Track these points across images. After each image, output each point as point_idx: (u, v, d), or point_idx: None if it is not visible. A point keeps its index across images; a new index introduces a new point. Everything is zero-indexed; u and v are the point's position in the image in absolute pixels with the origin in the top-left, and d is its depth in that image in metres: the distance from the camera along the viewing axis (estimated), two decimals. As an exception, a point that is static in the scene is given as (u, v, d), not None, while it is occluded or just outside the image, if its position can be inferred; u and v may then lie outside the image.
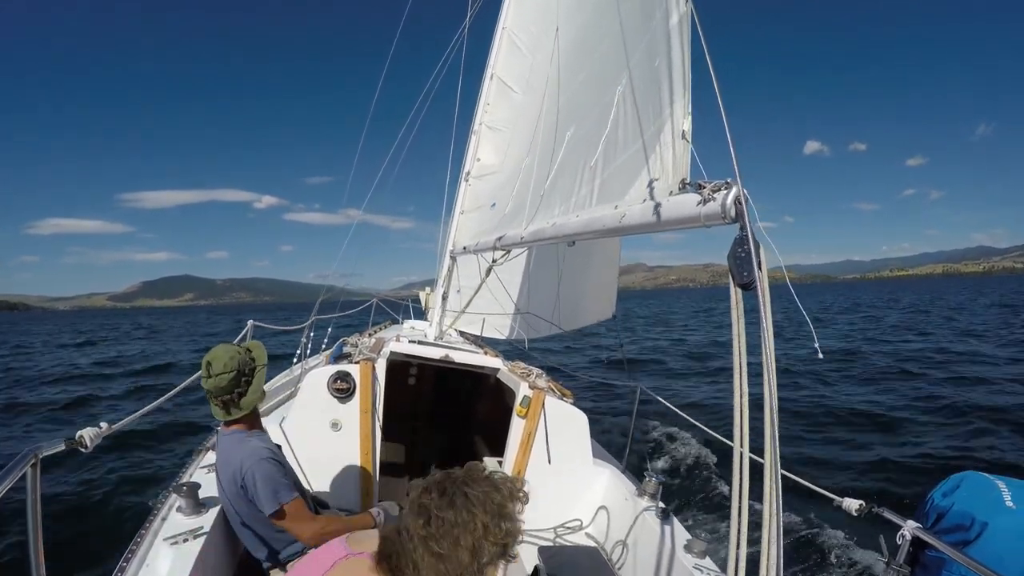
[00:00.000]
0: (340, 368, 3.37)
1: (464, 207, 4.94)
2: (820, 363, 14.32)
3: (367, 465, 3.37)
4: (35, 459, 1.56)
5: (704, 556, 2.63)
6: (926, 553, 1.77)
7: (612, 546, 3.14)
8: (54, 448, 1.76)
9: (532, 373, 3.68)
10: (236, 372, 2.21)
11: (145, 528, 2.33)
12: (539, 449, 3.39)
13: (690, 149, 1.75)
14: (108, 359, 22.02)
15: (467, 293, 5.14)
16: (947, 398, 10.77)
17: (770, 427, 1.28)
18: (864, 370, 14.37)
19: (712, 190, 1.48)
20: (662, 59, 1.94)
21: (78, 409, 11.67)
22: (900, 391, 11.76)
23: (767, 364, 1.29)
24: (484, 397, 5.13)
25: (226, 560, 2.55)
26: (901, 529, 1.82)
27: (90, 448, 1.99)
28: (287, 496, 2.22)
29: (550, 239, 2.80)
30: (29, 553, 1.54)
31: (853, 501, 2.18)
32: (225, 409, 2.26)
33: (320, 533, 2.26)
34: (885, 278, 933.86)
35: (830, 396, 11.38)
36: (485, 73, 5.05)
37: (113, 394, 13.35)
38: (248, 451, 2.22)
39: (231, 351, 2.24)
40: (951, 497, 1.77)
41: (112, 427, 2.20)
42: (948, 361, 15.50)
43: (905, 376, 13.44)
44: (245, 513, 2.28)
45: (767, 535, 1.25)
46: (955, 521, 1.72)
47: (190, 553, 2.17)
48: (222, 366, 2.19)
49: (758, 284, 1.33)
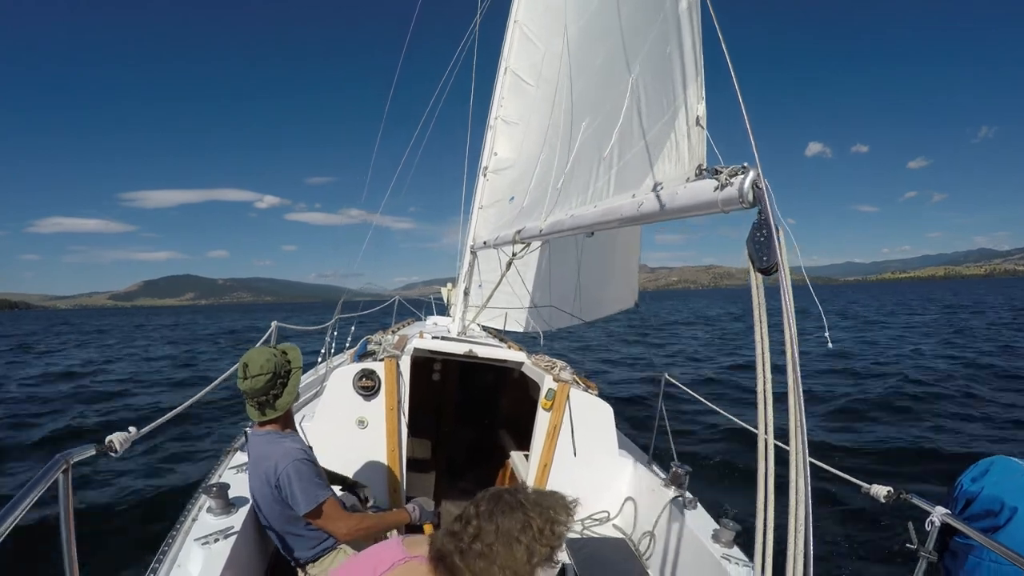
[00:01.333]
0: (365, 366, 3.41)
1: (483, 202, 4.95)
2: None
3: (394, 461, 3.40)
4: (66, 465, 1.59)
5: (732, 545, 2.61)
6: (955, 539, 1.74)
7: (639, 537, 3.13)
8: (85, 453, 1.78)
9: (556, 366, 3.68)
10: (272, 374, 2.27)
11: (176, 529, 2.38)
12: (565, 441, 3.39)
13: (705, 135, 1.72)
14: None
15: (489, 288, 5.15)
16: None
17: (795, 412, 1.26)
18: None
19: (729, 175, 1.46)
20: (673, 45, 1.92)
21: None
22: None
23: (790, 348, 1.27)
24: (509, 391, 5.14)
25: (257, 559, 2.59)
26: (930, 515, 1.78)
27: (120, 453, 2.02)
28: (323, 495, 2.26)
29: (569, 230, 2.79)
30: (63, 557, 1.58)
31: (881, 487, 2.14)
32: (260, 410, 2.31)
33: (355, 529, 2.32)
34: (887, 280, 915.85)
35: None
36: (499, 67, 5.05)
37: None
38: (282, 451, 2.27)
39: (267, 353, 2.30)
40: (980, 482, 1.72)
41: (141, 431, 2.25)
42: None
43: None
44: (275, 513, 2.32)
45: (793, 523, 1.24)
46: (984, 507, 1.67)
47: (221, 553, 2.22)
48: (258, 368, 2.25)
49: (780, 268, 1.31)
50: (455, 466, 5.08)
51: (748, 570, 2.41)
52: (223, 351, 23.40)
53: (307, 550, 2.39)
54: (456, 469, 5.06)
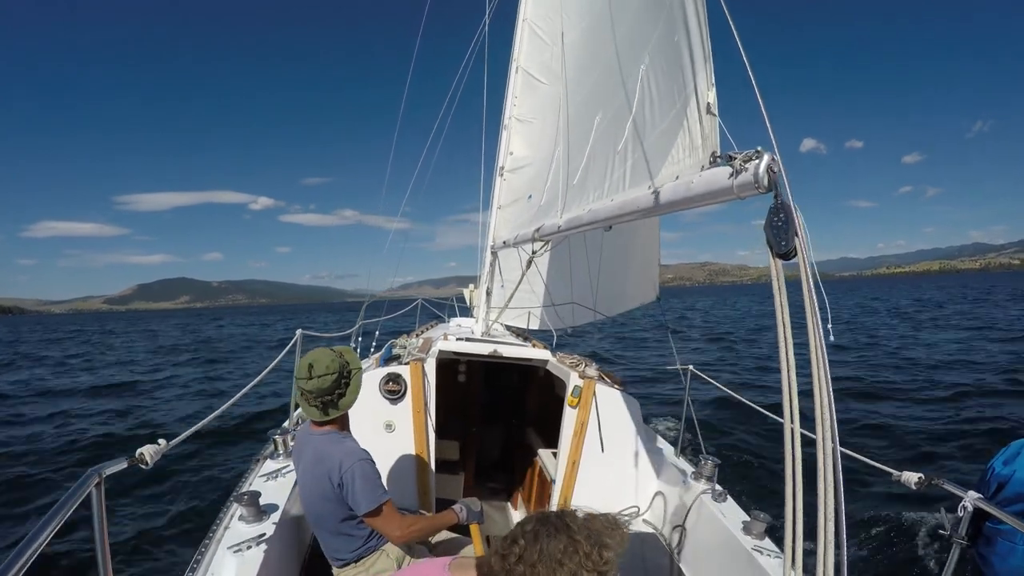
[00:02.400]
0: (390, 370, 3.43)
1: (501, 202, 4.95)
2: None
3: (423, 464, 3.42)
4: (99, 479, 1.62)
5: (763, 537, 2.58)
6: (988, 524, 1.69)
7: (670, 531, 3.11)
8: (116, 467, 1.82)
9: (581, 362, 3.67)
10: (337, 374, 2.32)
11: (209, 538, 2.42)
12: (592, 438, 3.38)
13: (717, 122, 1.70)
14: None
15: (510, 287, 5.15)
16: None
17: (820, 400, 1.24)
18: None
19: (743, 160, 1.45)
20: (681, 33, 1.90)
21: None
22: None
23: (814, 334, 1.25)
24: (534, 389, 5.14)
25: (289, 565, 2.63)
26: (962, 500, 1.74)
27: (150, 465, 2.06)
28: (384, 496, 2.31)
29: (587, 225, 2.79)
30: (98, 570, 1.62)
31: (912, 474, 2.10)
32: (323, 410, 2.36)
33: (409, 531, 2.36)
34: (882, 275, 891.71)
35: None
36: (510, 66, 5.04)
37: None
38: (347, 451, 2.32)
39: (331, 355, 2.37)
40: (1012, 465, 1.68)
41: (170, 443, 2.29)
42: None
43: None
44: (328, 511, 2.36)
45: (823, 512, 1.22)
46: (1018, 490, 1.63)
47: (254, 560, 2.25)
48: (324, 368, 2.31)
49: (799, 250, 1.29)
50: (484, 466, 5.09)
51: (779, 561, 2.37)
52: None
53: (352, 551, 2.43)
54: (485, 469, 5.07)
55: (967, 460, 6.69)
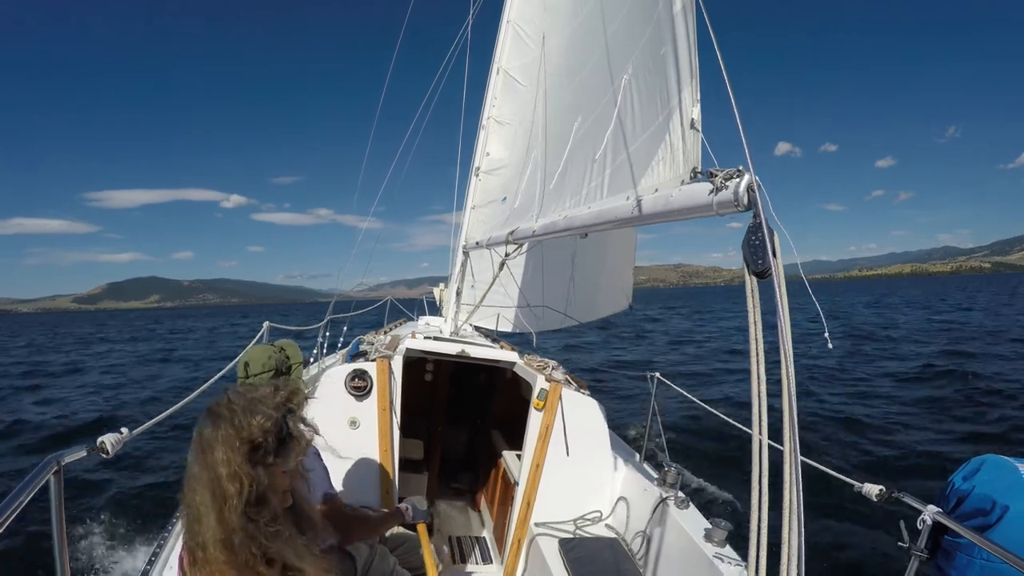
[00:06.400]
0: (357, 366, 3.39)
1: (475, 202, 4.94)
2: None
3: (386, 462, 3.39)
4: (57, 467, 1.58)
5: (724, 544, 2.63)
6: (946, 538, 1.75)
7: (632, 537, 3.14)
8: (76, 455, 1.77)
9: (548, 366, 3.68)
10: (274, 371, 2.28)
11: (167, 531, 2.37)
12: (557, 441, 3.40)
13: (700, 138, 1.73)
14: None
15: (481, 288, 5.15)
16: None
17: (788, 413, 1.27)
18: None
19: (724, 178, 1.47)
20: (668, 48, 1.92)
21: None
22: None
23: (784, 351, 1.28)
24: (501, 391, 5.15)
25: None
26: (921, 514, 1.80)
27: (111, 454, 2.00)
28: (331, 490, 2.27)
29: (563, 231, 2.80)
30: (55, 560, 1.57)
31: (873, 486, 2.16)
32: None
33: (353, 529, 2.30)
34: (854, 278, 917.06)
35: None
36: (491, 67, 5.05)
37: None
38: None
39: (268, 351, 2.31)
40: (972, 480, 1.74)
41: (133, 432, 2.23)
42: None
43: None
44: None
45: (787, 522, 1.25)
46: (976, 505, 1.69)
47: None
48: (260, 366, 2.26)
49: (773, 272, 1.32)
50: (448, 466, 5.07)
51: (740, 569, 2.42)
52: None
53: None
54: (449, 469, 5.05)
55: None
